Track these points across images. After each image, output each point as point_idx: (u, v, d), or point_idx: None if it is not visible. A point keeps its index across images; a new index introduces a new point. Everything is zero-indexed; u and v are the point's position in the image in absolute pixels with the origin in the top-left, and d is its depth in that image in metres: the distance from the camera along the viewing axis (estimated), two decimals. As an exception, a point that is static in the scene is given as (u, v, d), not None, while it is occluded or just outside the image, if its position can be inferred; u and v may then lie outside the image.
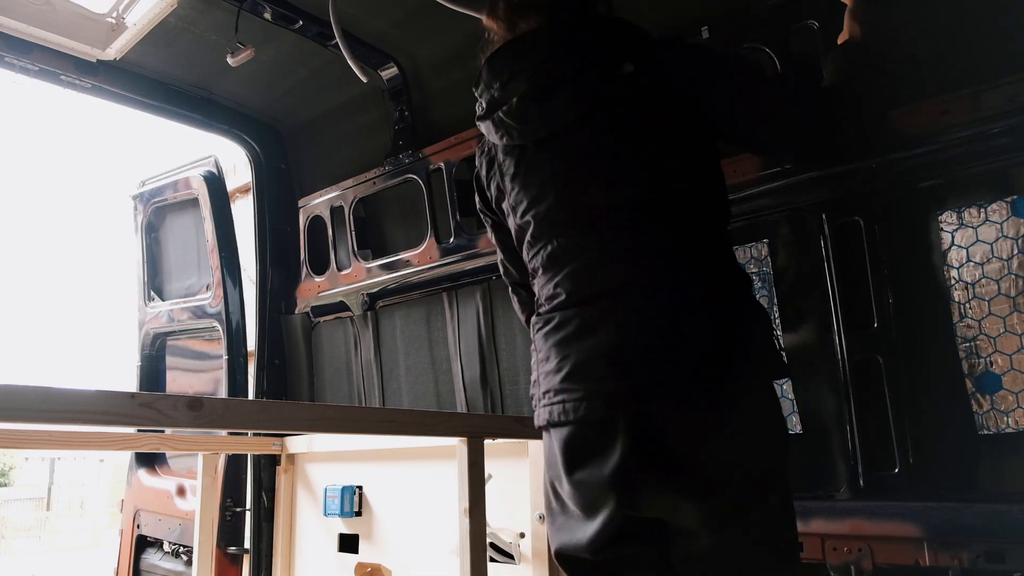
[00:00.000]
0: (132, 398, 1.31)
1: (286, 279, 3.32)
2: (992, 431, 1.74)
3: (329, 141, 3.27)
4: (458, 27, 2.55)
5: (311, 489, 2.91)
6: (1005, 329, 1.73)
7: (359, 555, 2.66)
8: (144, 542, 3.35)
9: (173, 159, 4.49)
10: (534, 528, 2.16)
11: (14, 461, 33.27)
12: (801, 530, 1.86)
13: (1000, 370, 1.73)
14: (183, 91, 3.06)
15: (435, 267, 2.79)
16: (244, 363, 3.18)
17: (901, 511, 1.77)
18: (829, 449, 1.95)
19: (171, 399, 1.35)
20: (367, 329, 3.09)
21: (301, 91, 3.10)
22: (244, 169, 3.73)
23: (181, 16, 2.57)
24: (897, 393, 1.86)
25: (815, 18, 1.95)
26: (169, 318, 3.45)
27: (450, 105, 2.86)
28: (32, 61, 2.60)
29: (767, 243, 2.10)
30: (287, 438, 2.97)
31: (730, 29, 2.08)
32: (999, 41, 1.75)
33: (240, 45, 2.52)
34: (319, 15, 2.56)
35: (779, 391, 1.86)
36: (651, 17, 2.29)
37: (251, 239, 3.31)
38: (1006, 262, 1.75)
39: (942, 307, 1.83)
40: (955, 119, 1.75)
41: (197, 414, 1.37)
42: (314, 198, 3.28)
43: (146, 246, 3.57)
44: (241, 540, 3.05)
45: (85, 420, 1.30)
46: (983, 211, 1.78)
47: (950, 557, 1.66)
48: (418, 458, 2.53)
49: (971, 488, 1.77)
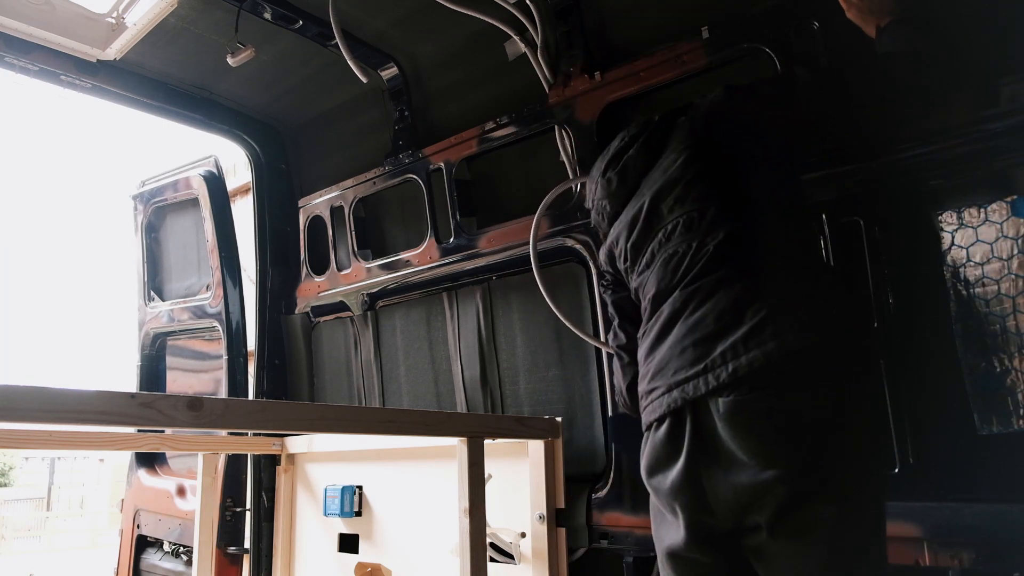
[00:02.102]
0: (132, 398, 1.31)
1: (286, 279, 3.32)
2: (992, 431, 1.74)
3: (329, 141, 3.27)
4: (458, 27, 2.56)
5: (311, 489, 2.91)
6: (1005, 329, 1.73)
7: (359, 555, 2.66)
8: (144, 542, 3.35)
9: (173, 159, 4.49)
10: (534, 528, 2.16)
11: (14, 461, 33.26)
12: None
13: (1000, 370, 1.73)
14: (183, 91, 3.06)
15: (435, 267, 2.79)
16: (244, 363, 3.18)
17: (901, 511, 1.76)
18: (829, 449, 1.95)
19: (171, 399, 1.36)
20: (367, 329, 3.09)
21: (301, 91, 3.10)
22: (244, 169, 3.73)
23: (181, 16, 2.57)
24: (897, 393, 1.86)
25: (815, 18, 1.94)
26: (169, 318, 3.45)
27: (450, 105, 2.86)
28: (32, 61, 2.60)
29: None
30: (287, 438, 2.97)
31: (730, 29, 2.08)
32: (999, 41, 1.75)
33: (240, 45, 2.52)
34: (319, 15, 2.56)
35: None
36: (651, 17, 2.31)
37: (251, 239, 3.31)
38: (1006, 262, 1.74)
39: (942, 307, 1.82)
40: (955, 119, 1.74)
41: (197, 414, 1.37)
42: (314, 198, 3.28)
43: (146, 246, 3.57)
44: (241, 540, 3.04)
45: (85, 420, 1.30)
46: (983, 211, 1.78)
47: (950, 557, 1.66)
48: (418, 458, 2.53)
49: (971, 488, 1.77)
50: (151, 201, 3.51)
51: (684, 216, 1.50)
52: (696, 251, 1.45)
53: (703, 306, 1.40)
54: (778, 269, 1.42)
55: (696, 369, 1.37)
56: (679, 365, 1.40)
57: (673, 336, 1.43)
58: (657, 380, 1.44)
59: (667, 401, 1.41)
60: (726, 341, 1.35)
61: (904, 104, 1.73)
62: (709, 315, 1.39)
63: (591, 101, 2.34)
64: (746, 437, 1.32)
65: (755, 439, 1.31)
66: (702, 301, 1.41)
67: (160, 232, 3.57)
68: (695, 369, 1.37)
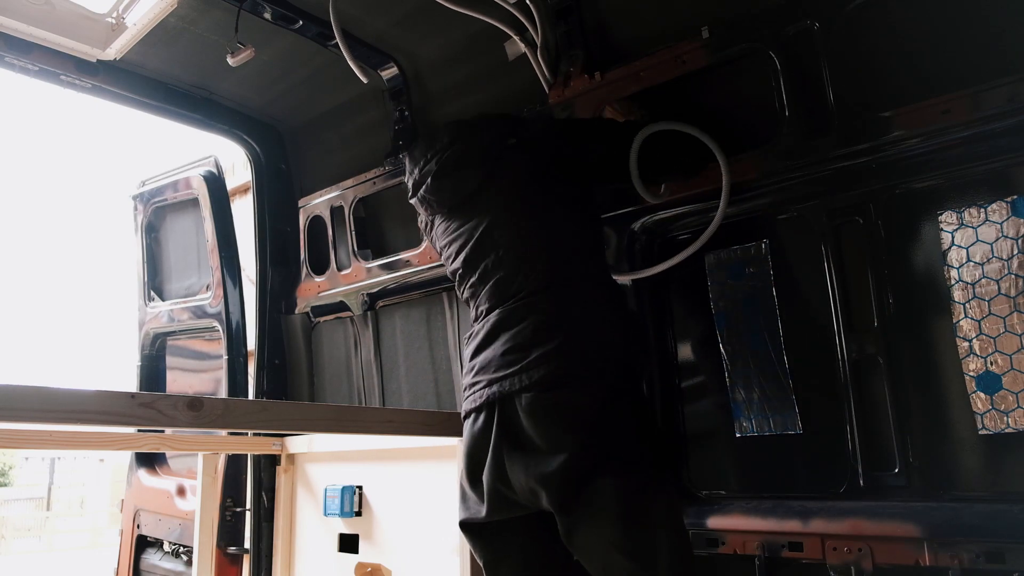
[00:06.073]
0: (132, 398, 1.32)
1: (286, 279, 3.32)
2: (992, 431, 1.74)
3: (329, 141, 3.27)
4: (458, 27, 2.56)
5: (311, 489, 2.91)
6: (1005, 329, 1.73)
7: (359, 555, 2.66)
8: (144, 542, 3.35)
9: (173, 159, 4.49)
10: (534, 528, 2.15)
11: (14, 461, 33.27)
12: (801, 530, 1.87)
13: (1000, 370, 1.73)
14: (183, 91, 3.06)
15: (435, 267, 2.79)
16: (244, 363, 3.18)
17: (901, 511, 1.76)
18: (829, 449, 1.96)
19: (171, 399, 1.36)
20: (367, 329, 3.09)
21: (301, 91, 3.10)
22: (244, 169, 3.73)
23: (181, 16, 2.57)
24: (897, 393, 1.86)
25: (815, 18, 1.95)
26: (169, 318, 3.45)
27: (450, 105, 2.86)
28: (32, 61, 2.60)
29: (767, 243, 2.10)
30: (287, 438, 2.97)
31: (730, 29, 2.08)
32: (999, 41, 1.76)
33: (240, 45, 2.52)
34: (319, 15, 2.56)
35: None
36: (651, 17, 2.31)
37: (251, 239, 3.31)
38: (1006, 262, 1.74)
39: (942, 307, 1.83)
40: (955, 119, 1.74)
41: (197, 414, 1.37)
42: (314, 198, 3.28)
43: (146, 246, 3.57)
44: (241, 540, 3.05)
45: (85, 420, 1.30)
46: (983, 211, 1.78)
47: (950, 557, 1.66)
48: (418, 458, 2.52)
49: (971, 488, 1.77)
50: (151, 201, 3.51)
51: (514, 244, 1.79)
52: (524, 276, 1.75)
53: (524, 321, 1.70)
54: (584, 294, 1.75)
55: (513, 370, 1.66)
56: (500, 364, 1.69)
57: (499, 342, 1.72)
58: (480, 375, 1.73)
59: (487, 394, 1.69)
60: (540, 350, 1.65)
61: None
62: (527, 329, 1.69)
63: (591, 101, 2.34)
64: (539, 426, 1.61)
65: (546, 428, 1.61)
66: (523, 317, 1.71)
67: (160, 232, 3.57)
68: (512, 370, 1.66)
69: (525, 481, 1.62)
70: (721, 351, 2.15)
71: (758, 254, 2.12)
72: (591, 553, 1.60)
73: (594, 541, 1.59)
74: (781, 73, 2.00)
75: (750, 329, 2.11)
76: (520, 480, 1.63)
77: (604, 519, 1.56)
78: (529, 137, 1.92)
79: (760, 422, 2.08)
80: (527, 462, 1.62)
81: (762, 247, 2.11)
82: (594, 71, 2.33)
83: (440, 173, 1.90)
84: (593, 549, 1.60)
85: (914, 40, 1.90)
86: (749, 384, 2.09)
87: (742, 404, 2.11)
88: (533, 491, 1.62)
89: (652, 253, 2.28)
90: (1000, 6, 1.77)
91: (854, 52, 1.93)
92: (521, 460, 1.63)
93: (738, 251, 2.15)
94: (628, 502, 1.56)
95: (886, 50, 1.94)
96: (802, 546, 1.86)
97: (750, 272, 2.12)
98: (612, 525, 1.56)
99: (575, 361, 1.65)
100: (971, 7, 1.81)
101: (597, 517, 1.57)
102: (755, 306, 2.10)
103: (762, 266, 2.11)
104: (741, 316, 2.13)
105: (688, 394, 2.24)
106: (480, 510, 1.71)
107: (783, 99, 2.00)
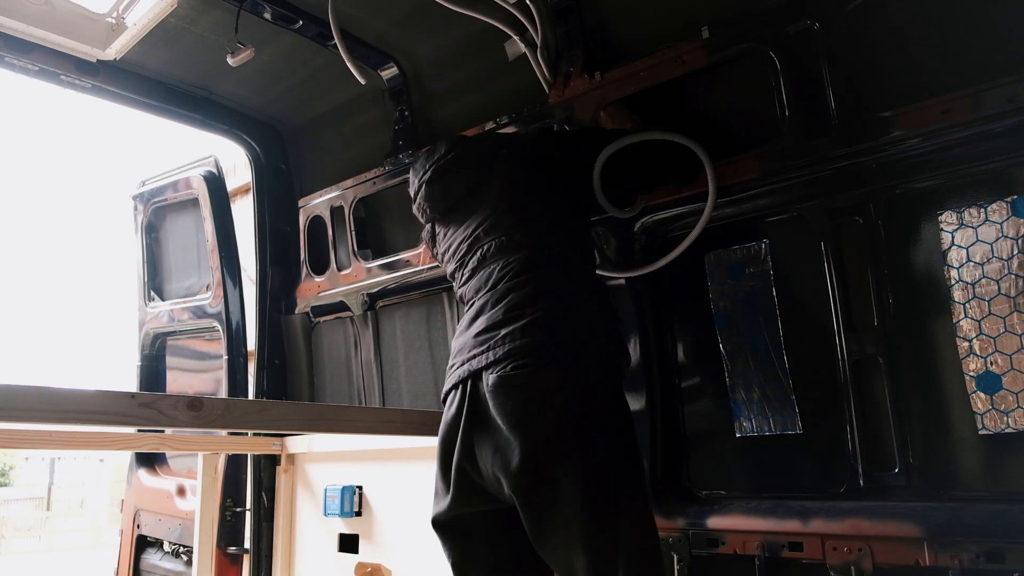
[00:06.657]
0: (132, 398, 1.32)
1: (286, 279, 3.32)
2: (992, 431, 1.74)
3: (329, 141, 3.27)
4: (458, 27, 2.56)
5: (311, 489, 2.91)
6: (1005, 329, 1.73)
7: (359, 555, 2.66)
8: (144, 542, 3.35)
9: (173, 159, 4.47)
10: (534, 528, 2.15)
11: (14, 461, 33.26)
12: (801, 530, 1.87)
13: (1000, 370, 1.73)
14: (183, 91, 3.06)
15: (435, 267, 2.79)
16: (244, 363, 3.18)
17: (901, 511, 1.76)
18: (829, 449, 1.96)
19: (171, 399, 1.36)
20: (367, 329, 3.09)
21: (301, 91, 3.10)
22: (244, 169, 3.73)
23: (181, 16, 2.57)
24: (897, 393, 1.86)
25: (815, 18, 1.95)
26: (169, 318, 3.45)
27: (450, 105, 2.86)
28: (32, 61, 2.60)
29: (767, 243, 2.10)
30: (287, 438, 2.97)
31: (730, 29, 2.08)
32: (999, 41, 1.76)
33: (240, 45, 2.52)
34: (319, 15, 2.56)
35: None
36: (651, 17, 2.31)
37: (251, 239, 3.31)
38: (1006, 262, 1.74)
39: (942, 307, 1.83)
40: (955, 119, 1.74)
41: (197, 414, 1.37)
42: (314, 198, 3.27)
43: (146, 246, 3.57)
44: (241, 540, 3.05)
45: (85, 420, 1.30)
46: (983, 211, 1.78)
47: (950, 557, 1.66)
48: (418, 458, 2.53)
49: (971, 488, 1.77)
50: (151, 201, 3.51)
51: (497, 239, 1.83)
52: (503, 267, 1.78)
53: (500, 304, 1.72)
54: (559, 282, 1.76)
55: (482, 348, 1.67)
56: (473, 345, 1.70)
57: (476, 325, 1.74)
58: (457, 357, 1.75)
59: (459, 373, 1.70)
60: (507, 328, 1.65)
61: None
62: (501, 310, 1.70)
63: (591, 101, 2.34)
64: (504, 405, 1.59)
65: (510, 407, 1.58)
66: (499, 300, 1.73)
67: (160, 232, 3.57)
68: (481, 348, 1.67)
69: (491, 466, 1.59)
70: (721, 351, 2.15)
71: (758, 254, 2.12)
72: (553, 549, 1.57)
73: (556, 536, 1.55)
74: (781, 73, 2.00)
75: (750, 329, 2.11)
76: (487, 465, 1.61)
77: (567, 514, 1.52)
78: (519, 146, 2.05)
79: (760, 422, 2.08)
80: (495, 445, 1.59)
81: (762, 247, 2.11)
82: (594, 71, 2.33)
83: (433, 179, 1.99)
84: (555, 545, 1.56)
85: (914, 40, 1.90)
86: (749, 384, 2.10)
87: (742, 404, 2.11)
88: (497, 479, 1.59)
89: (652, 253, 2.28)
90: (1000, 6, 1.77)
91: (854, 52, 1.93)
92: (490, 443, 1.60)
93: (738, 251, 2.15)
94: (592, 498, 1.52)
95: (886, 50, 1.94)
96: (802, 546, 1.86)
97: (750, 272, 2.12)
98: (574, 522, 1.52)
99: (544, 340, 1.63)
100: (971, 7, 1.81)
101: (559, 512, 1.53)
102: (755, 306, 2.10)
103: (762, 266, 2.11)
104: (741, 316, 2.13)
105: (688, 394, 2.24)
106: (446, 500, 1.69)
107: (783, 99, 2.00)
